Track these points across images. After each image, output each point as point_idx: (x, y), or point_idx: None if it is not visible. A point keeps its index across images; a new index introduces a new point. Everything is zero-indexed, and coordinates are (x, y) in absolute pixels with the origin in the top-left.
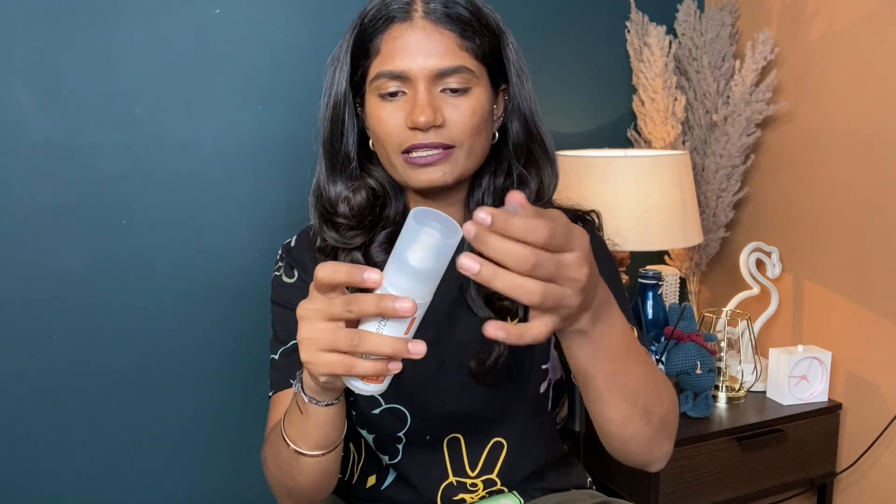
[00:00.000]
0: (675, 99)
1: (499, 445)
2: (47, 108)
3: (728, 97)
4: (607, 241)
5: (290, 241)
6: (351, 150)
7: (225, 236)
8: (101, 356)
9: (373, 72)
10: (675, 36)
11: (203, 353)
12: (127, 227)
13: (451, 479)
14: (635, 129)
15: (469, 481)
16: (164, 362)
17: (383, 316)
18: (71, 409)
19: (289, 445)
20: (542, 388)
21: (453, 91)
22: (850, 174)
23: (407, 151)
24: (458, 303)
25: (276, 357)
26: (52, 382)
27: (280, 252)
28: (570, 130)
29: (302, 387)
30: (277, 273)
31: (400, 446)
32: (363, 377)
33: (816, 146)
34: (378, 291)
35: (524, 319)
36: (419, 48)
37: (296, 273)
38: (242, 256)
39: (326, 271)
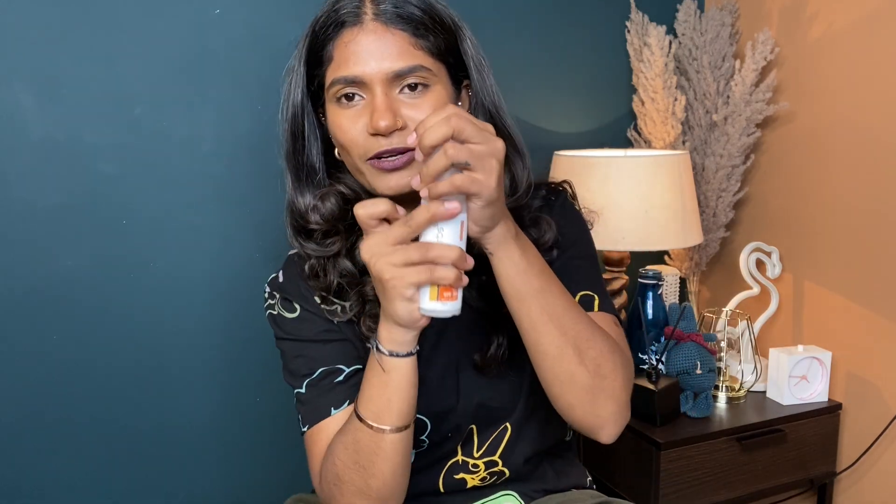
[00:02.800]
0: (675, 99)
1: (504, 429)
2: (47, 108)
3: (728, 97)
4: (583, 210)
5: (276, 277)
6: (315, 160)
7: (224, 236)
8: (100, 356)
9: (328, 79)
10: (675, 36)
11: (202, 354)
12: (127, 227)
13: (459, 457)
14: (635, 129)
15: (472, 461)
16: (163, 362)
17: (435, 220)
18: (70, 408)
19: (371, 427)
20: None
21: (411, 89)
22: (850, 174)
23: (373, 158)
24: None
25: (303, 391)
26: (52, 382)
27: (268, 289)
28: (570, 130)
29: (378, 345)
30: (273, 312)
31: (418, 450)
32: (441, 290)
33: (816, 146)
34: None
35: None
36: (372, 51)
37: (297, 306)
38: (242, 256)
39: (367, 209)
